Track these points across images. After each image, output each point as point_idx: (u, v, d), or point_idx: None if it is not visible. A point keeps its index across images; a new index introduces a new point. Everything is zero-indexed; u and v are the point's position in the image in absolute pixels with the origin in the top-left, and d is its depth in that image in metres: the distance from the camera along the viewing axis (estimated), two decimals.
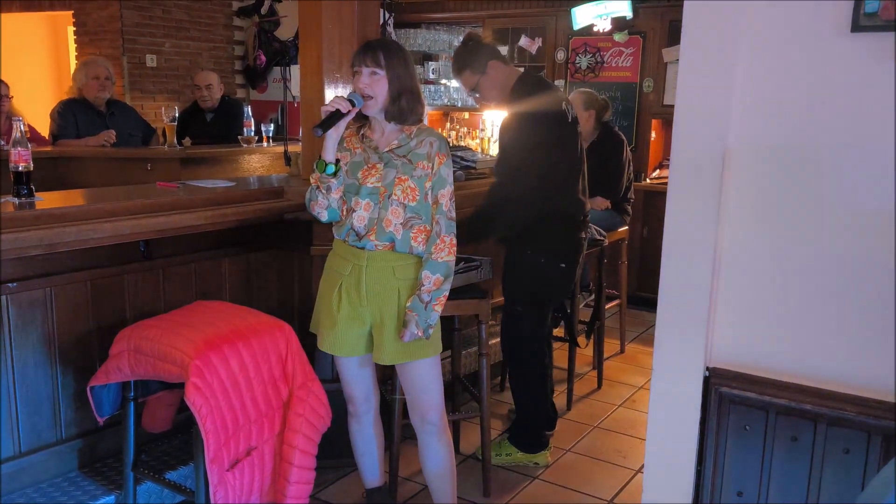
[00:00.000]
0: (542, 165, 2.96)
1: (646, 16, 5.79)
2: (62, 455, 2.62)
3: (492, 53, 3.09)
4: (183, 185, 3.08)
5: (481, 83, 3.07)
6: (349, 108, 2.25)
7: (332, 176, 2.31)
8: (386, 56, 2.27)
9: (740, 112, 1.86)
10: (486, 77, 3.06)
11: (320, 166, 2.31)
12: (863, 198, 1.75)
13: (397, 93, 2.29)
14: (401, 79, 2.29)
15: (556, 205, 3.07)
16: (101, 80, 4.65)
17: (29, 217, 2.31)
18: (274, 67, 7.00)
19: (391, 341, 2.35)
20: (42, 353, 2.53)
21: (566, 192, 3.11)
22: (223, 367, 2.24)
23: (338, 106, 2.23)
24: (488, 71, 3.05)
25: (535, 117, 2.96)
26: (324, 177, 2.31)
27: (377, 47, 2.29)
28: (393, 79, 2.28)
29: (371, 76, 2.28)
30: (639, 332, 5.17)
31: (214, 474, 2.21)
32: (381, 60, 2.27)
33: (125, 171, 4.40)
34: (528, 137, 2.97)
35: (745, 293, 1.91)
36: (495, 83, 3.07)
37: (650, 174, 5.93)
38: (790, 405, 1.83)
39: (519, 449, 3.25)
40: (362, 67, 2.28)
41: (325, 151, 2.30)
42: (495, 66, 3.06)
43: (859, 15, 1.69)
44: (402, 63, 2.30)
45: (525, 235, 3.07)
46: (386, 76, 2.27)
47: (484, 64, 3.04)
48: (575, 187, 3.14)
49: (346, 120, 2.27)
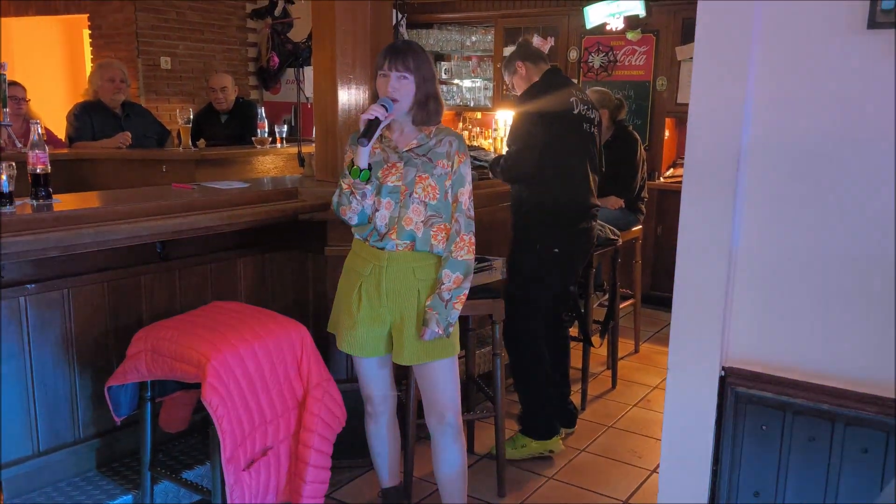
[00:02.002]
0: (535, 159, 3.15)
1: (659, 14, 5.76)
2: (80, 454, 2.64)
3: (522, 55, 3.38)
4: (198, 187, 3.10)
5: (514, 81, 3.40)
6: (385, 113, 2.26)
7: (366, 181, 2.31)
8: (415, 60, 2.29)
9: (755, 110, 1.84)
10: (517, 76, 3.38)
11: (355, 173, 2.31)
12: (881, 195, 1.73)
13: (424, 97, 2.31)
14: (427, 83, 2.31)
15: (554, 195, 3.21)
16: (115, 82, 4.69)
17: (47, 219, 2.33)
18: (287, 69, 7.03)
19: (411, 341, 2.36)
20: (60, 354, 2.55)
21: (564, 183, 3.22)
22: (239, 367, 2.25)
23: (376, 114, 2.24)
24: (517, 70, 3.36)
25: (534, 115, 3.18)
26: (358, 183, 2.31)
27: (406, 51, 2.30)
28: (420, 83, 2.30)
29: (400, 80, 2.28)
30: (653, 332, 5.15)
31: (231, 474, 2.22)
32: (411, 64, 2.28)
33: (140, 172, 4.43)
34: (524, 131, 3.20)
35: (760, 292, 1.90)
36: (521, 81, 3.37)
37: (664, 173, 5.90)
38: (807, 405, 1.82)
39: (532, 438, 3.31)
40: (392, 72, 2.29)
41: (359, 158, 2.30)
42: (522, 66, 3.35)
43: (876, 11, 1.67)
44: (428, 67, 2.33)
45: (522, 222, 3.28)
46: (414, 80, 2.29)
47: (514, 64, 3.37)
48: (575, 179, 3.25)
49: (383, 125, 2.29)
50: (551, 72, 3.35)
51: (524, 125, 3.20)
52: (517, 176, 3.23)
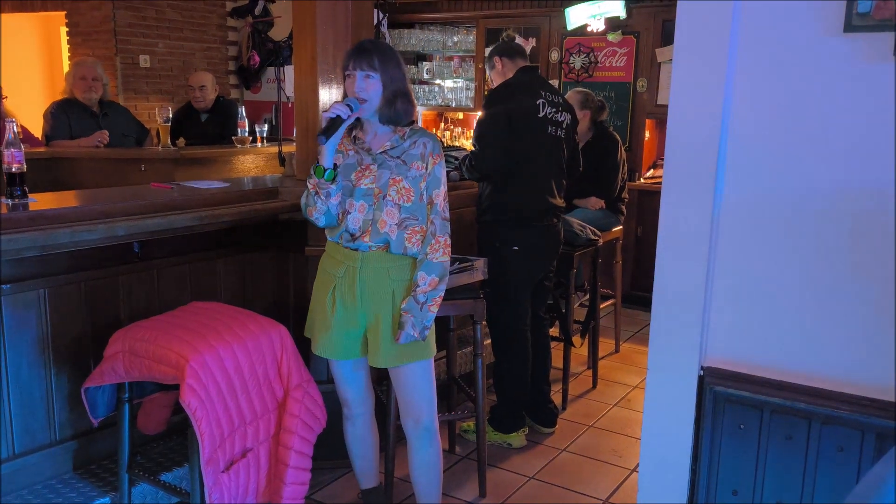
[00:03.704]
0: (497, 158, 3.22)
1: (639, 16, 5.80)
2: (56, 457, 2.61)
3: (500, 49, 3.45)
4: (177, 186, 3.07)
5: (492, 76, 3.48)
6: (349, 112, 2.24)
7: (330, 181, 2.30)
8: (380, 59, 2.26)
9: (734, 112, 1.86)
10: (494, 70, 3.46)
11: (318, 172, 2.29)
12: (856, 196, 1.75)
13: (392, 95, 2.28)
14: (395, 81, 2.28)
15: (513, 194, 3.26)
16: (88, 80, 4.62)
17: (23, 218, 2.30)
18: (268, 68, 6.98)
19: (386, 344, 2.35)
20: (36, 355, 2.52)
21: (525, 183, 3.26)
22: (218, 368, 2.24)
23: (338, 112, 2.22)
24: (495, 65, 3.44)
25: (497, 115, 3.23)
26: (322, 182, 2.29)
27: (371, 50, 2.28)
28: (387, 81, 2.27)
29: (365, 79, 2.26)
30: (634, 332, 5.18)
31: (210, 476, 2.20)
32: (376, 63, 2.26)
33: (119, 172, 4.39)
34: (487, 131, 3.27)
35: (739, 292, 1.92)
36: (497, 76, 3.44)
37: (644, 174, 5.93)
38: (784, 404, 1.84)
39: (494, 429, 3.41)
40: (356, 71, 2.27)
41: (323, 157, 2.28)
42: (499, 61, 3.42)
43: (852, 15, 1.69)
44: (395, 65, 2.30)
45: (484, 221, 3.34)
46: (380, 79, 2.27)
47: (492, 59, 3.45)
48: (536, 180, 3.29)
49: (346, 125, 2.26)
50: (524, 70, 3.38)
51: (486, 124, 3.26)
52: (481, 174, 3.30)
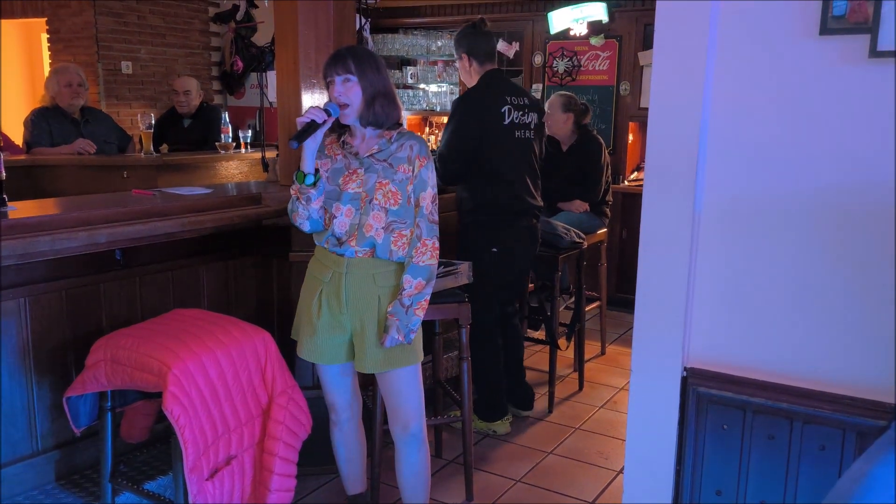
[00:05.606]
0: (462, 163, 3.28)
1: (622, 20, 5.83)
2: (38, 467, 2.58)
3: (469, 47, 3.41)
4: (159, 193, 3.05)
5: (458, 64, 3.48)
6: (325, 117, 2.24)
7: (311, 186, 2.30)
8: (356, 62, 2.27)
9: (712, 113, 1.88)
10: (460, 63, 3.46)
11: (299, 177, 2.29)
12: (832, 197, 1.77)
13: (371, 97, 2.28)
14: (374, 83, 2.29)
15: (488, 198, 3.32)
16: (73, 86, 4.59)
17: (2, 227, 2.27)
18: (251, 73, 6.96)
19: (372, 349, 2.34)
20: (17, 364, 2.49)
21: (498, 187, 3.33)
22: (201, 375, 2.22)
23: (313, 116, 2.22)
24: (462, 59, 3.43)
25: (464, 123, 3.28)
26: (303, 187, 2.29)
27: (346, 55, 2.29)
28: (366, 84, 2.28)
29: (344, 84, 2.27)
30: (619, 334, 5.19)
31: (194, 484, 2.19)
32: (352, 67, 2.26)
33: (101, 179, 4.35)
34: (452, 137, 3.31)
35: (720, 293, 1.93)
36: (463, 72, 3.48)
37: (628, 176, 5.96)
38: (766, 404, 1.85)
39: (479, 417, 3.53)
40: (335, 76, 2.28)
41: (303, 162, 2.29)
42: (466, 60, 3.41)
43: (828, 17, 1.71)
44: (373, 67, 2.30)
45: (463, 224, 3.42)
46: (359, 82, 2.27)
47: (460, 50, 3.43)
48: (511, 183, 3.35)
49: (322, 130, 2.26)
50: (490, 74, 3.39)
51: (452, 131, 3.31)
52: (448, 179, 3.34)
